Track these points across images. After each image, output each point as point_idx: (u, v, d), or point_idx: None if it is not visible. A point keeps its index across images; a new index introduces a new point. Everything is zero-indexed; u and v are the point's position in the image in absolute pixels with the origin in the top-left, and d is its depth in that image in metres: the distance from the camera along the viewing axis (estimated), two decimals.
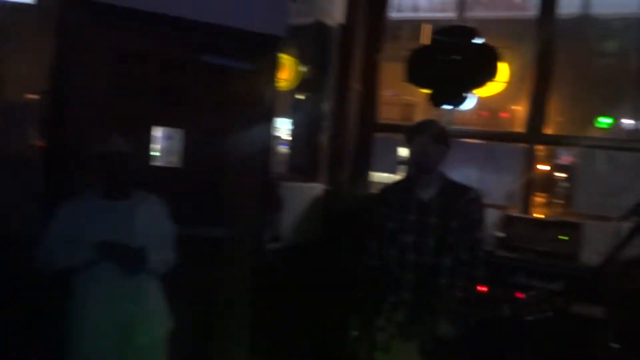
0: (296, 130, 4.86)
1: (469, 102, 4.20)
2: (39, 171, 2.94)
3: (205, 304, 3.18)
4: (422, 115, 5.75)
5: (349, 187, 4.45)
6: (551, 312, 2.21)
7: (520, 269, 3.35)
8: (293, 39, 4.80)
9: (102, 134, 2.61)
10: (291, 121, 4.97)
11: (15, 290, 2.75)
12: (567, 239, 3.40)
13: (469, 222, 2.53)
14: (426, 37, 4.44)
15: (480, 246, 2.58)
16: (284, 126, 5.03)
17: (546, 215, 4.25)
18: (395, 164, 5.19)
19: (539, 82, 4.22)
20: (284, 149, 4.84)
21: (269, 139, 3.54)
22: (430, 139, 2.52)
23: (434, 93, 4.26)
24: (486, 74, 4.13)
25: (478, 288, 3.14)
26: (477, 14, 5.45)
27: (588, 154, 4.04)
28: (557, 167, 5.17)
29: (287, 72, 4.78)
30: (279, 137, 5.21)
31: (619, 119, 4.25)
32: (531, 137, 4.17)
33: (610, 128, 4.55)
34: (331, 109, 4.64)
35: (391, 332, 2.53)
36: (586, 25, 5.03)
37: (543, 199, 6.43)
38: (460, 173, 4.58)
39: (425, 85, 4.35)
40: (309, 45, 4.77)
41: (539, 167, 4.94)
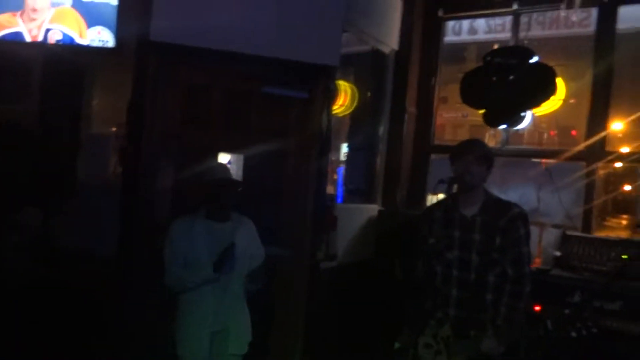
0: (354, 153, 5.03)
1: (524, 122, 4.21)
2: (117, 196, 3.29)
3: (263, 319, 3.36)
4: (491, 135, 5.73)
5: (403, 207, 4.53)
6: (595, 329, 2.19)
7: (578, 288, 3.28)
8: (351, 66, 5.04)
9: (206, 164, 2.97)
10: (349, 145, 5.15)
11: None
12: (627, 257, 3.30)
13: (513, 238, 2.57)
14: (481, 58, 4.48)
15: (527, 262, 2.59)
16: (342, 150, 5.22)
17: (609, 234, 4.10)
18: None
19: (597, 98, 4.15)
20: (342, 172, 5.01)
21: (324, 163, 3.72)
22: (471, 158, 2.59)
23: (487, 113, 4.30)
24: (542, 93, 4.12)
25: (531, 306, 3.14)
26: (535, 33, 5.42)
27: None
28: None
29: (345, 98, 4.99)
30: (337, 160, 5.40)
31: None
32: (589, 155, 4.09)
33: None
34: (387, 132, 4.77)
35: (436, 347, 2.59)
36: None
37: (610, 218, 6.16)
38: (518, 192, 4.56)
39: (480, 106, 4.40)
40: (366, 72, 4.96)
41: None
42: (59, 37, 3.38)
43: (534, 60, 4.16)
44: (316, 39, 3.54)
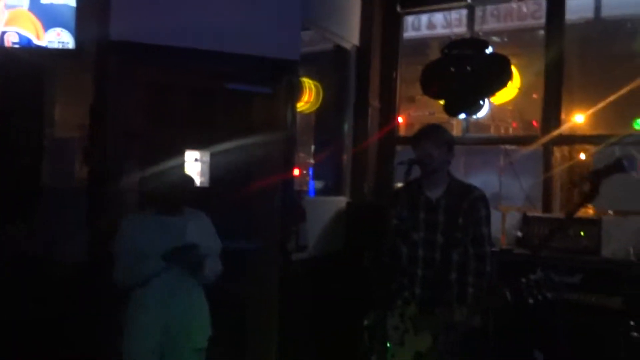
0: (320, 149, 5.10)
1: (482, 110, 4.35)
2: (84, 198, 3.27)
3: (235, 312, 3.39)
4: (457, 127, 5.87)
5: (371, 199, 4.62)
6: (549, 295, 2.30)
7: (538, 266, 3.41)
8: (314, 64, 5.11)
9: (155, 159, 2.95)
10: (316, 141, 5.22)
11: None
12: (584, 234, 3.46)
13: (474, 218, 2.67)
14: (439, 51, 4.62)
15: (488, 242, 2.69)
16: (307, 145, 5.28)
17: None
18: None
19: (550, 86, 4.33)
20: (308, 166, 5.07)
21: (290, 157, 3.78)
22: (429, 142, 2.68)
23: (447, 103, 4.43)
24: (498, 81, 4.27)
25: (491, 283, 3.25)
26: (491, 25, 5.60)
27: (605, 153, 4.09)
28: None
29: (310, 95, 5.05)
30: (308, 157, 5.46)
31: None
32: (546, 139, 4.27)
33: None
34: (352, 126, 4.85)
35: (403, 327, 2.66)
36: (596, 29, 5.10)
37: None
38: (480, 179, 4.71)
39: (440, 97, 4.53)
40: (330, 69, 5.04)
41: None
42: (15, 39, 3.35)
43: (489, 50, 4.33)
44: (276, 33, 3.60)
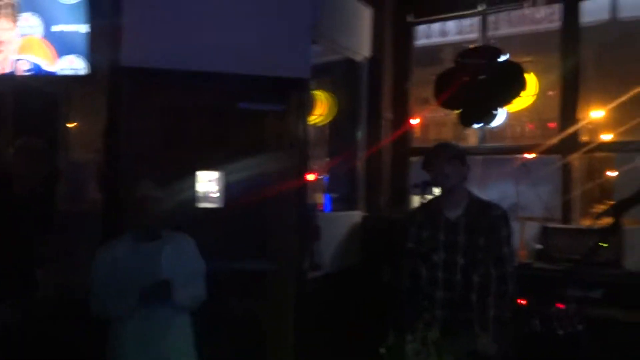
0: (334, 160, 5.08)
1: (498, 119, 4.28)
2: (99, 223, 3.29)
3: (252, 334, 3.38)
4: (472, 132, 5.80)
5: (386, 211, 4.58)
6: (581, 326, 2.22)
7: (561, 280, 3.33)
8: (327, 75, 5.10)
9: (134, 182, 2.78)
10: (329, 153, 5.20)
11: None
12: (607, 245, 3.37)
13: (496, 238, 2.60)
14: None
15: (509, 262, 2.62)
16: (322, 158, 5.26)
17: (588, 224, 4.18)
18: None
19: (567, 91, 4.24)
20: (323, 181, 5.05)
21: (304, 173, 3.76)
22: (441, 161, 2.64)
23: (462, 113, 4.37)
24: (512, 90, 4.21)
25: (516, 302, 3.18)
26: (504, 31, 5.53)
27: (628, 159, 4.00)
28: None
29: (323, 107, 5.04)
30: (317, 169, 5.44)
31: None
32: (564, 147, 4.18)
33: None
34: (365, 138, 4.83)
35: (426, 352, 2.61)
36: (614, 31, 4.99)
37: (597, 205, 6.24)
38: (498, 189, 4.63)
39: (454, 106, 4.48)
40: (342, 80, 5.02)
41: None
42: (27, 67, 3.40)
43: (502, 58, 4.26)
44: (287, 53, 3.58)
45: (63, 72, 3.39)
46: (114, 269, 2.58)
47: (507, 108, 4.32)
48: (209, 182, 3.58)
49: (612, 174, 4.99)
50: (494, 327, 2.51)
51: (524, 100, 4.37)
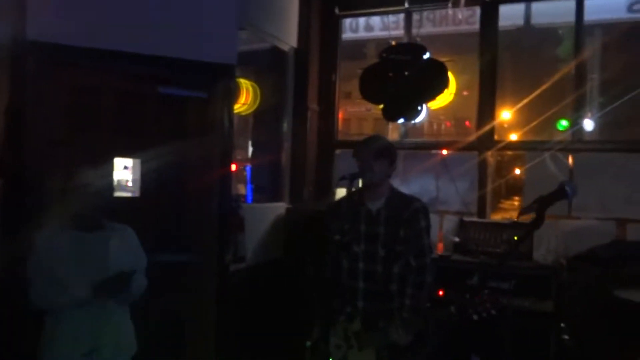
0: (258, 151, 4.98)
1: (420, 115, 4.39)
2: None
3: (172, 327, 3.23)
4: (394, 129, 5.92)
5: (311, 204, 4.56)
6: (494, 311, 2.32)
7: (475, 272, 3.48)
8: (251, 64, 4.97)
9: (69, 168, 2.64)
10: (253, 143, 5.09)
11: None
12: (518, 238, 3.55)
13: (415, 230, 2.66)
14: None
15: (429, 253, 2.70)
16: (245, 149, 5.15)
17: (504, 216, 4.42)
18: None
19: (484, 91, 4.43)
20: (245, 171, 4.94)
21: (227, 163, 3.64)
22: (370, 155, 2.64)
23: (386, 108, 4.44)
24: (435, 87, 4.33)
25: (432, 293, 3.27)
26: (427, 29, 5.68)
27: (537, 157, 4.25)
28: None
29: (247, 96, 4.91)
30: (245, 159, 5.32)
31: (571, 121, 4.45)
32: (481, 145, 4.36)
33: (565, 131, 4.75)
34: (291, 129, 4.77)
35: (347, 344, 2.62)
36: (527, 35, 5.29)
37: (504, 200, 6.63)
38: (419, 183, 4.76)
39: (378, 101, 4.54)
40: (267, 70, 4.92)
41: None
42: None
43: (426, 56, 4.37)
44: (212, 37, 3.44)
45: None
46: (58, 259, 2.44)
47: (429, 105, 4.44)
48: (124, 170, 3.37)
49: (518, 171, 5.30)
50: (409, 317, 2.56)
51: (444, 98, 4.51)
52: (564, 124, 4.50)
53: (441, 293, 3.45)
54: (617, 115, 4.56)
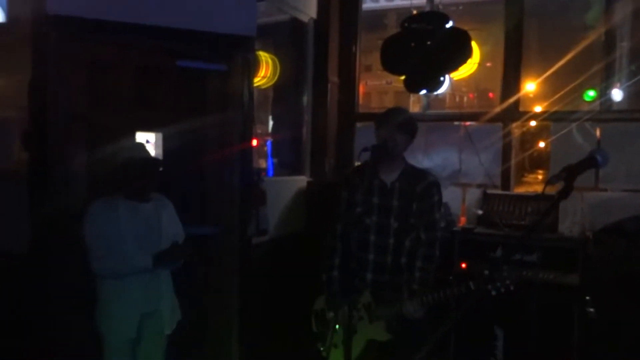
0: (278, 125, 4.95)
1: (443, 86, 4.29)
2: (24, 184, 3.03)
3: (195, 299, 3.27)
4: (415, 102, 5.83)
5: (332, 177, 4.54)
6: (512, 286, 2.30)
7: (499, 244, 3.43)
8: (270, 36, 4.91)
9: (121, 142, 2.85)
10: (273, 117, 5.06)
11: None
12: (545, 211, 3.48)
13: (428, 204, 2.66)
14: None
15: (438, 228, 2.72)
16: (265, 123, 5.12)
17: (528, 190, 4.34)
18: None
19: (509, 61, 4.30)
20: (266, 145, 4.93)
21: (248, 136, 3.62)
22: (395, 127, 2.62)
23: (408, 79, 4.36)
24: (458, 57, 4.22)
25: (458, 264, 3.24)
26: None
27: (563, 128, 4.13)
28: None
29: (267, 69, 4.87)
30: (266, 133, 5.31)
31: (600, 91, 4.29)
32: (505, 116, 4.26)
33: (593, 101, 4.61)
34: (311, 102, 4.72)
35: (358, 314, 2.62)
36: (554, 1, 5.09)
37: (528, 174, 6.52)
38: (441, 155, 4.70)
39: (400, 72, 4.45)
40: (287, 42, 4.85)
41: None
42: None
43: (449, 25, 4.25)
44: (231, 8, 3.40)
45: None
46: (116, 227, 2.59)
47: (451, 75, 4.34)
48: (147, 145, 3.37)
49: (542, 144, 5.19)
50: (420, 290, 2.55)
51: (468, 68, 4.40)
52: (591, 94, 4.36)
53: (464, 266, 3.43)
54: None
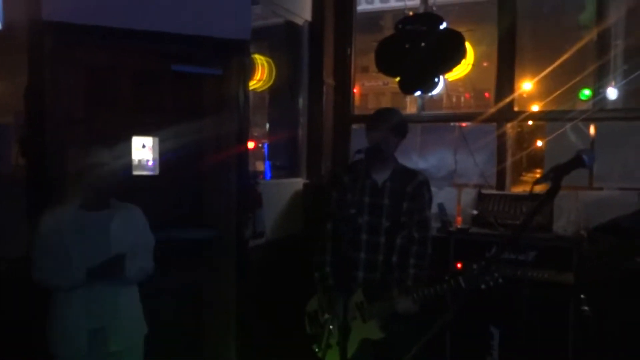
0: (274, 127, 4.97)
1: (438, 87, 4.32)
2: (22, 189, 3.05)
3: (192, 303, 3.30)
4: (412, 102, 5.83)
5: (328, 179, 4.56)
6: (501, 279, 2.33)
7: (494, 244, 3.46)
8: (266, 39, 4.93)
9: (82, 147, 2.67)
10: (269, 120, 5.09)
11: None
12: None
13: (419, 203, 2.70)
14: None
15: (430, 226, 2.76)
16: (262, 126, 5.15)
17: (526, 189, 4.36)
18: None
19: (503, 61, 4.33)
20: (262, 148, 4.95)
21: (244, 140, 3.65)
22: (387, 128, 2.64)
23: (402, 80, 4.38)
24: (452, 58, 4.25)
25: (454, 264, 3.27)
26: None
27: (558, 128, 4.16)
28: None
29: (263, 72, 4.89)
30: (263, 136, 5.33)
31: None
32: (500, 116, 4.29)
33: (588, 100, 4.64)
34: (307, 104, 4.74)
35: (352, 313, 2.63)
36: (548, 2, 5.12)
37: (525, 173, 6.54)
38: (437, 156, 4.71)
39: (395, 73, 4.47)
40: (282, 45, 4.88)
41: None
42: None
43: (443, 26, 4.28)
44: (226, 12, 3.42)
45: None
46: (60, 238, 2.45)
47: (446, 76, 4.36)
48: (143, 149, 3.40)
49: (540, 143, 5.21)
50: (414, 286, 2.58)
51: (462, 69, 4.43)
52: (586, 93, 4.38)
53: (459, 266, 3.45)
54: None
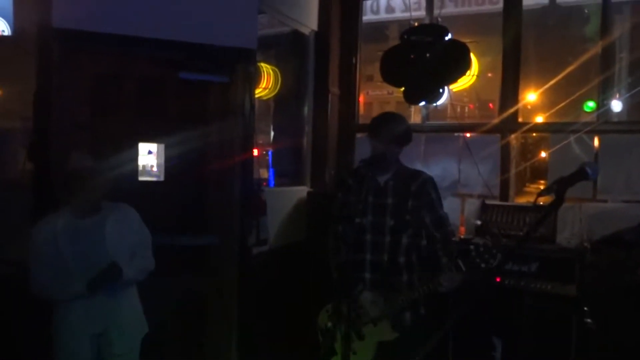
0: (279, 135, 5.00)
1: (442, 98, 4.34)
2: (29, 193, 3.07)
3: (194, 309, 3.31)
4: (416, 111, 5.84)
5: (332, 187, 4.57)
6: (497, 260, 2.34)
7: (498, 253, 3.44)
8: (272, 48, 4.97)
9: (75, 153, 2.64)
10: (274, 128, 5.11)
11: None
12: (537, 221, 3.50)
13: (426, 201, 2.70)
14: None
15: (447, 223, 2.75)
16: (267, 133, 5.17)
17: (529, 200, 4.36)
18: None
19: (507, 72, 4.34)
20: (267, 156, 4.97)
21: (249, 147, 3.67)
22: (390, 137, 2.66)
23: (407, 90, 4.40)
24: (457, 69, 4.26)
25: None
26: (449, 10, 5.59)
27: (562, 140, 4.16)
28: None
29: (268, 80, 4.92)
30: (268, 144, 5.35)
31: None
32: (504, 127, 4.30)
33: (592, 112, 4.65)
34: (312, 113, 4.77)
35: (361, 318, 2.63)
36: (553, 15, 5.15)
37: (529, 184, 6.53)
38: (440, 166, 4.72)
39: (399, 84, 4.50)
40: (288, 54, 4.92)
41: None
42: None
43: (448, 37, 4.30)
44: (232, 21, 3.46)
45: None
46: (55, 249, 2.43)
47: (450, 87, 4.38)
48: (149, 155, 3.43)
49: (544, 154, 5.21)
50: (448, 263, 2.57)
51: (466, 80, 4.45)
52: (590, 105, 4.39)
53: None
54: None
